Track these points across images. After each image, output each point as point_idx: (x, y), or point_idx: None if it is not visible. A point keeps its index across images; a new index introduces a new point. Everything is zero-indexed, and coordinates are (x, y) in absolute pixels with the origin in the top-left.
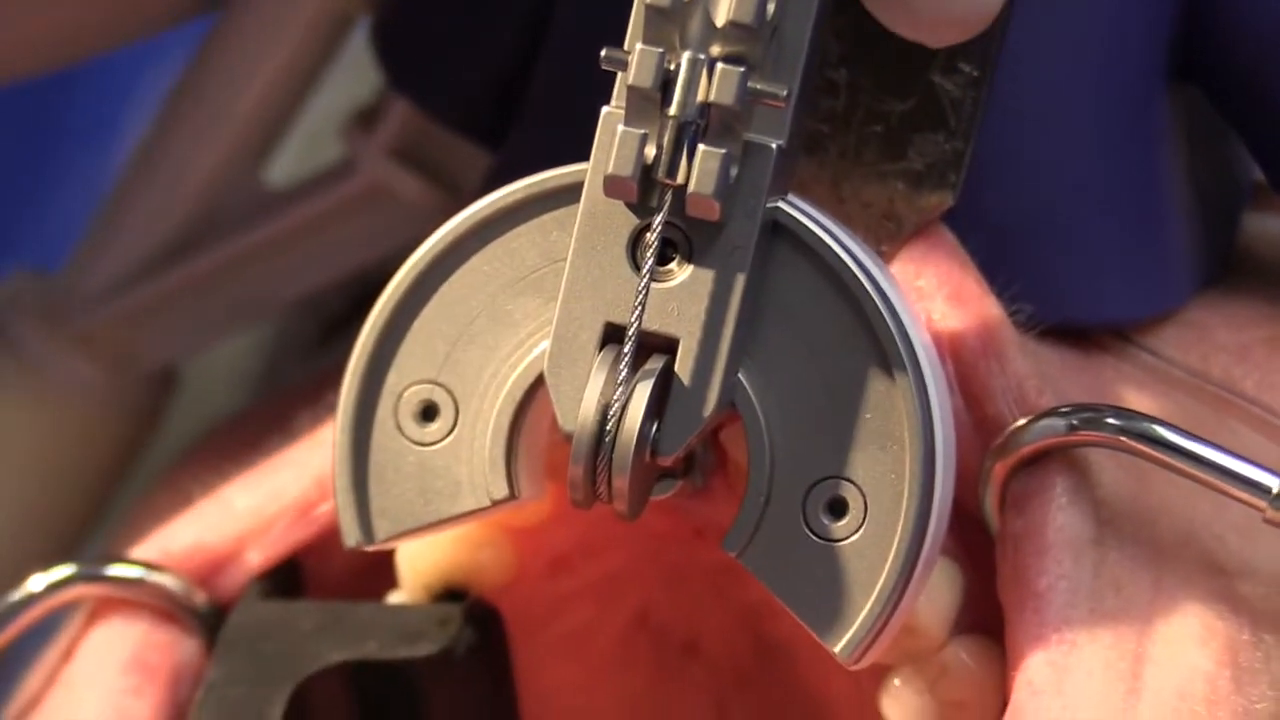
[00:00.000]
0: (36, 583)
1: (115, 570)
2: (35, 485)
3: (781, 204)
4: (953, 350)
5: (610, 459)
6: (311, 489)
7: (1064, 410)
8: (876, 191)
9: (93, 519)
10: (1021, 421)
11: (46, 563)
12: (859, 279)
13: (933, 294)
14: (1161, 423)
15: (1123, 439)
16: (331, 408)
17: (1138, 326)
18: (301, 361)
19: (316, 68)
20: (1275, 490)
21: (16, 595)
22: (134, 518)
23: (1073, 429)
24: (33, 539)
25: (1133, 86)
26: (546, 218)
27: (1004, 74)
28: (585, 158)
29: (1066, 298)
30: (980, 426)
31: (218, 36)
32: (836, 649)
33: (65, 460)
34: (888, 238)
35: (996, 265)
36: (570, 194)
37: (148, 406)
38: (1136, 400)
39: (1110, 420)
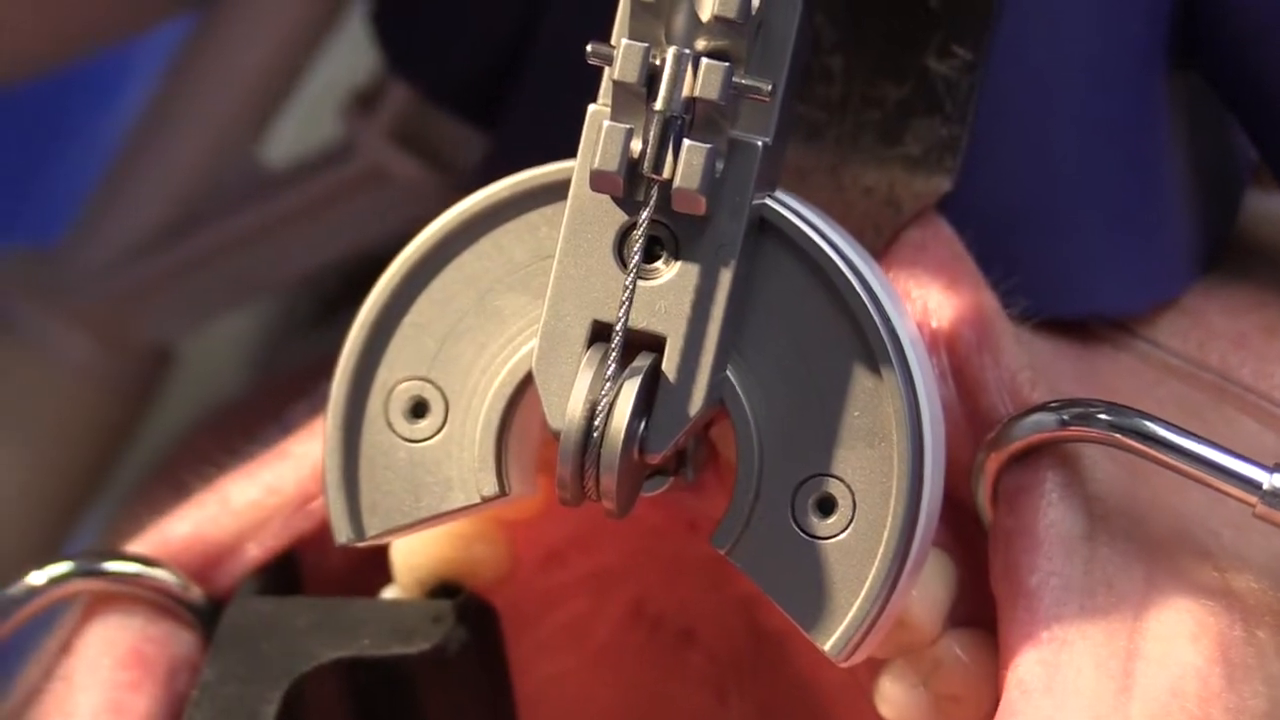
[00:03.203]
0: (35, 578)
1: (113, 565)
2: (32, 461)
3: (768, 200)
4: (947, 342)
5: (598, 457)
6: (308, 482)
7: (1055, 405)
8: (875, 177)
9: (90, 495)
10: (1013, 416)
11: (44, 540)
12: (845, 276)
13: (928, 285)
14: (1152, 418)
15: (1113, 435)
16: (327, 399)
17: (1136, 317)
18: (299, 343)
19: (314, 45)
20: (1266, 485)
21: (14, 590)
22: (131, 508)
23: (1063, 424)
24: (30, 515)
25: (1131, 73)
26: (535, 214)
27: (1000, 60)
28: (576, 151)
29: (1063, 290)
30: (974, 419)
31: (215, 14)
32: (826, 646)
33: (62, 436)
34: (887, 223)
35: (993, 256)
36: (559, 190)
37: (144, 384)
38: (1132, 391)
39: (1101, 415)
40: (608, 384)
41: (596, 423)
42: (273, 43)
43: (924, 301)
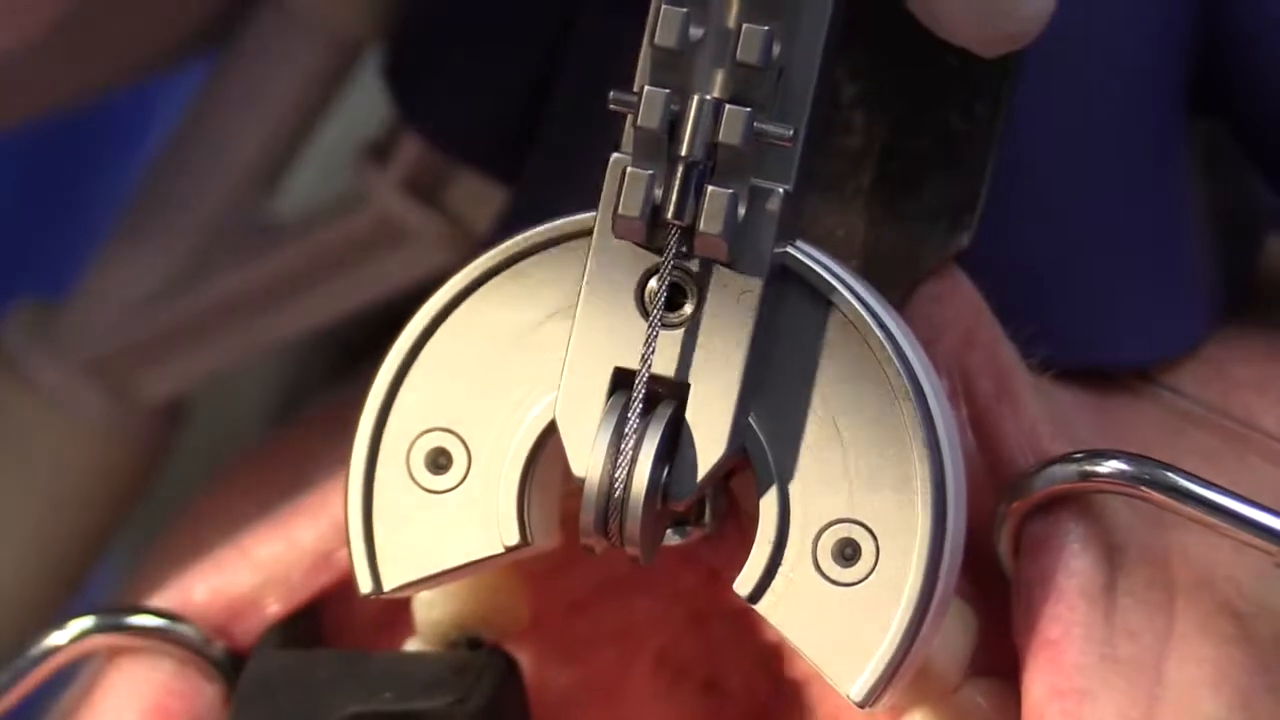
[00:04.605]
0: (58, 633)
1: (135, 620)
2: (45, 513)
3: (790, 249)
4: (966, 394)
5: (622, 505)
6: (330, 535)
7: (1076, 456)
8: (892, 231)
9: (102, 548)
10: (1033, 467)
11: (58, 592)
12: (868, 323)
13: (946, 337)
14: (1173, 468)
15: (1134, 486)
16: (349, 449)
17: (1156, 366)
18: (316, 394)
19: (327, 97)
20: None
21: (38, 646)
22: (153, 560)
23: (1084, 476)
24: (42, 566)
25: (1151, 124)
26: (556, 264)
27: (1019, 114)
28: (596, 203)
29: (1083, 341)
30: (994, 470)
31: (227, 65)
32: (850, 692)
33: (75, 488)
34: (905, 277)
35: (1011, 308)
36: (581, 240)
37: (157, 436)
38: (1153, 439)
39: (1122, 466)
40: (630, 431)
41: (619, 471)
42: (286, 95)
43: (943, 354)
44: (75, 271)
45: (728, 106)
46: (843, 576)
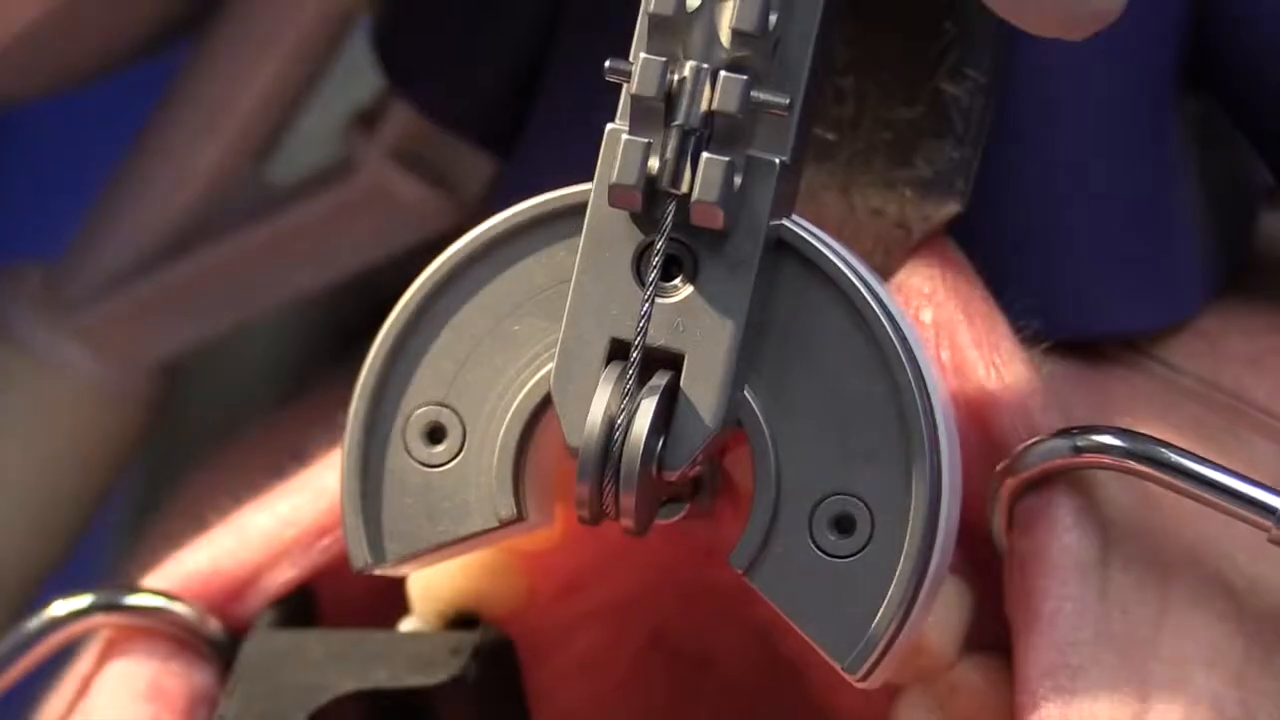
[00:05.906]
0: (56, 610)
1: (133, 600)
2: (38, 476)
3: (786, 222)
4: (957, 367)
5: (617, 473)
6: (326, 514)
7: (1070, 432)
8: (885, 199)
9: (94, 512)
10: (1026, 443)
11: (49, 557)
12: (864, 296)
13: (938, 309)
14: (1166, 444)
15: (1127, 461)
16: (344, 429)
17: (1148, 337)
18: (316, 373)
19: (319, 65)
20: None
21: (34, 624)
22: (150, 539)
23: (1077, 451)
24: (34, 530)
25: (1142, 94)
26: (553, 237)
27: (1012, 83)
28: (593, 175)
29: (1074, 311)
30: (987, 444)
31: (219, 31)
32: (844, 666)
33: (68, 451)
34: (896, 245)
35: (1003, 279)
36: (577, 213)
37: (149, 400)
38: (1145, 413)
39: (1115, 442)
40: (625, 401)
41: (615, 439)
42: (277, 61)
43: (934, 326)
44: (70, 235)
45: (724, 74)
46: (838, 549)
